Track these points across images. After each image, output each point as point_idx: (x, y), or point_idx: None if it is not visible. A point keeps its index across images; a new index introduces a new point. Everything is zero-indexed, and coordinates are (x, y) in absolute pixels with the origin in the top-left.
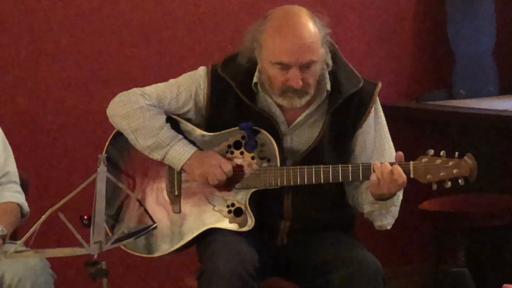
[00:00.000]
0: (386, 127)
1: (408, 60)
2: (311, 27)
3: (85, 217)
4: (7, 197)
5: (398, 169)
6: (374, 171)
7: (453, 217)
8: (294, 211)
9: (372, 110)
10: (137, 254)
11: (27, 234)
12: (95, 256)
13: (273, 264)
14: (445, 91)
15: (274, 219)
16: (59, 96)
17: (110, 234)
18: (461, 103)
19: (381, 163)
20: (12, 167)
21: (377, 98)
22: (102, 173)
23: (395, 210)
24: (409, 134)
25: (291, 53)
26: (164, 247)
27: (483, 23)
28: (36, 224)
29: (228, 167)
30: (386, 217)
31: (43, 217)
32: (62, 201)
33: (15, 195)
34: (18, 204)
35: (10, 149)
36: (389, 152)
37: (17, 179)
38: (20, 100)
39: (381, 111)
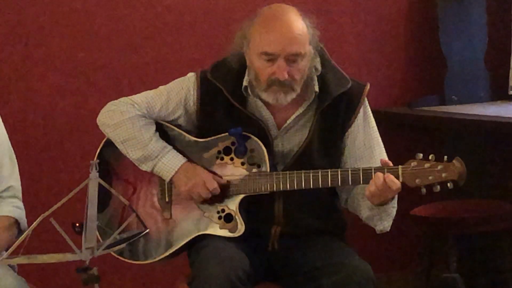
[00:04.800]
0: (376, 128)
1: (400, 66)
2: (299, 21)
3: (77, 224)
4: (6, 211)
5: (391, 177)
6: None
7: (445, 223)
8: (285, 217)
9: (361, 111)
10: (128, 261)
11: (19, 240)
12: (87, 262)
13: (264, 269)
14: (437, 97)
15: (265, 225)
16: (51, 102)
17: (100, 240)
18: (453, 109)
19: (373, 172)
20: (16, 182)
21: (366, 99)
22: (94, 178)
23: (393, 211)
24: (401, 140)
25: (278, 43)
26: (155, 254)
27: (475, 29)
28: (27, 230)
29: (213, 185)
30: (387, 220)
31: (35, 223)
32: (54, 207)
33: (14, 210)
34: (16, 220)
35: (16, 164)
36: (379, 152)
37: (19, 195)
38: (12, 105)
39: (370, 112)
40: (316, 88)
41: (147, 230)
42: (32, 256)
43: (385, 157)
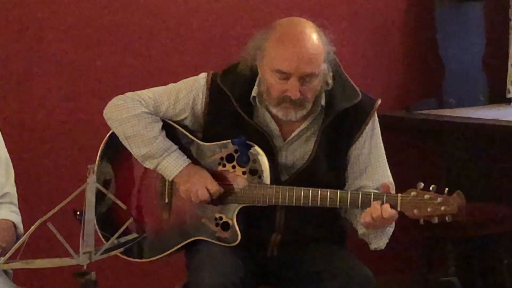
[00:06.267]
0: (382, 145)
1: (398, 70)
2: (315, 39)
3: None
4: (3, 215)
5: (388, 210)
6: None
7: (443, 226)
8: (286, 225)
9: (369, 126)
10: (122, 257)
11: (16, 245)
12: (85, 267)
13: (263, 275)
14: (435, 100)
15: (265, 232)
16: (48, 106)
17: (104, 242)
18: (451, 112)
19: (372, 198)
20: (11, 188)
21: (375, 115)
22: (91, 183)
23: (390, 230)
24: (399, 144)
25: (292, 62)
26: (150, 254)
27: (473, 32)
28: (25, 235)
29: (214, 188)
30: (382, 239)
31: (32, 227)
32: (52, 212)
33: (12, 215)
34: (14, 224)
35: (12, 170)
36: (382, 171)
37: (15, 201)
38: (11, 109)
39: (378, 129)
40: (323, 102)
41: (145, 235)
42: (29, 261)
43: (388, 177)
